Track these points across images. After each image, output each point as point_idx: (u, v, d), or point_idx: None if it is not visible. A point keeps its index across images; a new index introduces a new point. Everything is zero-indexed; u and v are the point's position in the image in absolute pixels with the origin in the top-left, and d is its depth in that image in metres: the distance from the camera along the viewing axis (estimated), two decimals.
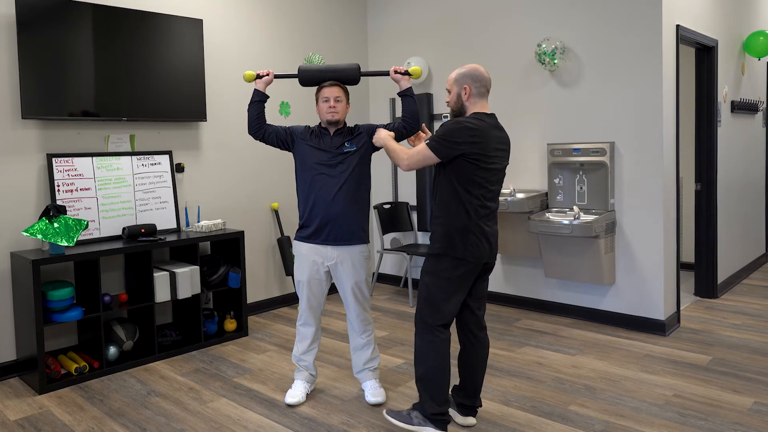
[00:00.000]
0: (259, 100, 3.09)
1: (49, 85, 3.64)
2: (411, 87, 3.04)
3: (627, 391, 3.20)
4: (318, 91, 3.07)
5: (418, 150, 2.61)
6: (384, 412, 2.76)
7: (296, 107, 5.12)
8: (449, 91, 2.74)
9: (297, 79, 3.10)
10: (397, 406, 3.08)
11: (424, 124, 3.12)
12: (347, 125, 3.12)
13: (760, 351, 3.76)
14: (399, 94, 3.06)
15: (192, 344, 4.02)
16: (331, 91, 3.02)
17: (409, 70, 3.04)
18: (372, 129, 3.08)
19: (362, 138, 3.06)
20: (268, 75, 3.09)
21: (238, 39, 4.74)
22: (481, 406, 2.86)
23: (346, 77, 3.07)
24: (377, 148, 3.08)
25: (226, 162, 4.69)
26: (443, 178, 2.64)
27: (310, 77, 3.08)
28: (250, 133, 3.11)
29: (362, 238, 3.07)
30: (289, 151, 3.14)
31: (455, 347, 3.18)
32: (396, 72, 3.02)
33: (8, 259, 3.61)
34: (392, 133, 2.89)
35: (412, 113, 3.03)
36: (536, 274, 4.70)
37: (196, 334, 4.07)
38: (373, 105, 5.76)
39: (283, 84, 5.00)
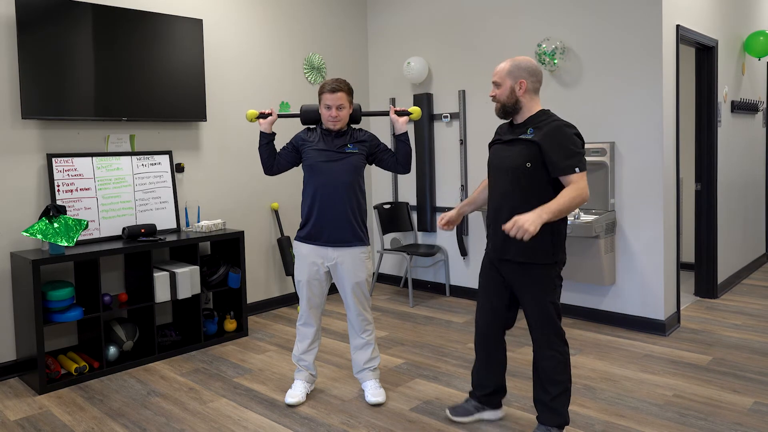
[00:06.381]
0: (267, 142, 3.13)
1: (49, 85, 3.63)
2: (406, 132, 3.10)
3: (627, 391, 3.20)
4: (320, 93, 3.03)
5: (580, 183, 2.39)
6: None
7: (296, 107, 5.11)
8: (498, 84, 2.54)
9: (299, 119, 3.24)
10: (397, 406, 3.07)
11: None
12: (352, 128, 3.13)
13: (760, 351, 3.76)
14: (394, 136, 3.13)
15: (192, 344, 4.02)
16: (334, 99, 2.98)
17: (409, 109, 3.12)
18: (378, 146, 3.13)
19: (365, 146, 3.09)
20: (271, 114, 3.12)
21: (238, 39, 4.74)
22: None
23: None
24: (372, 161, 3.15)
25: (226, 162, 4.68)
26: (542, 180, 2.48)
27: (312, 118, 3.15)
28: (266, 173, 3.17)
29: (362, 239, 3.07)
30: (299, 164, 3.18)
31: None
32: (395, 112, 3.10)
33: (8, 259, 3.61)
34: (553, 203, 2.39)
35: (407, 158, 3.11)
36: None
37: (196, 334, 4.07)
38: (373, 108, 5.76)
39: (283, 83, 5.01)
